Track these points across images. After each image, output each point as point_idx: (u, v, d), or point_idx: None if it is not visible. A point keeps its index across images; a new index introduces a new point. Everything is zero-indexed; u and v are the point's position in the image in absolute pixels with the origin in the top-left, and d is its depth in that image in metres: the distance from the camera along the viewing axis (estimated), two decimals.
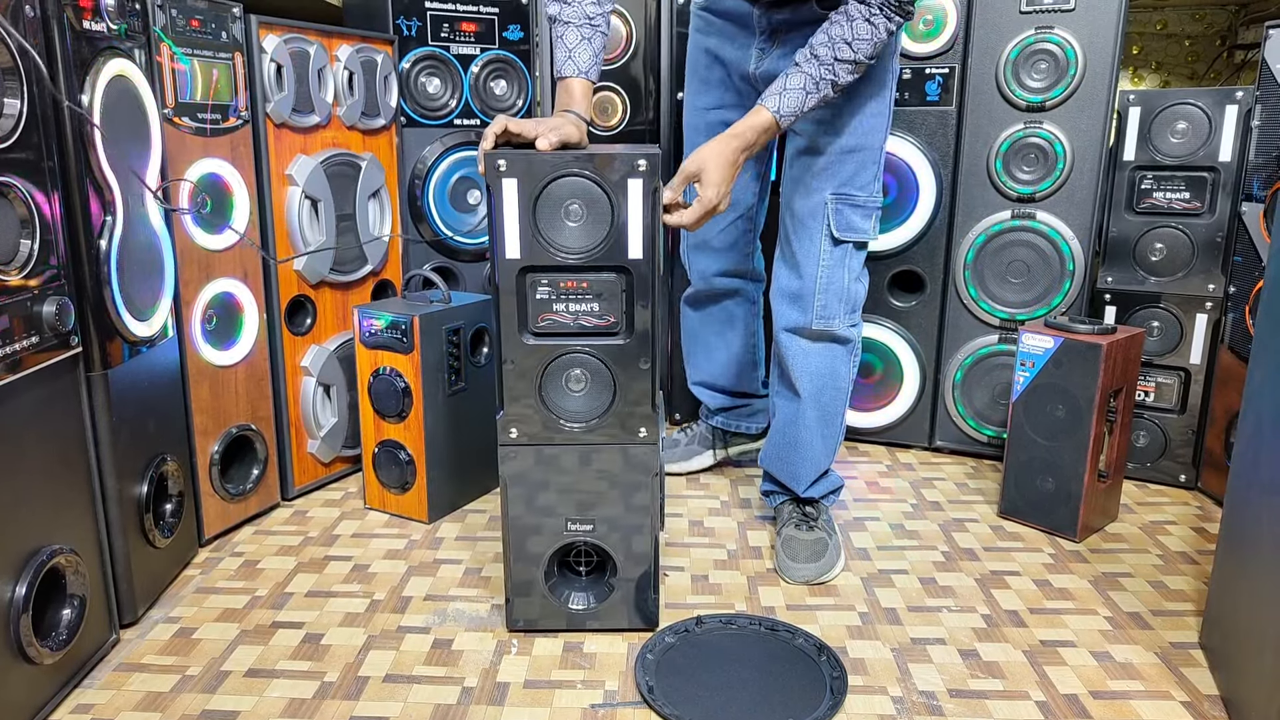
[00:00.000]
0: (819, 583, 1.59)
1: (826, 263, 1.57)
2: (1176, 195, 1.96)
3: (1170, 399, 2.04)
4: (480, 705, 1.27)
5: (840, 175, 1.55)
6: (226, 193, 1.70)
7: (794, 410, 1.67)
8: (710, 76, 1.71)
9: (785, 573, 1.61)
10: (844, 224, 1.56)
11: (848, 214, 1.56)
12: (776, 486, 1.76)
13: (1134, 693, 1.31)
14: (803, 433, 1.67)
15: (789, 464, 1.70)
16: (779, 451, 1.72)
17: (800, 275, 1.60)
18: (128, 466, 1.42)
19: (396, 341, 1.78)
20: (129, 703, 1.26)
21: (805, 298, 1.60)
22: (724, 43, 1.66)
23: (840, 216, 1.56)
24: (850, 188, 1.56)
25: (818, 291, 1.58)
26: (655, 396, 1.36)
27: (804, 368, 1.63)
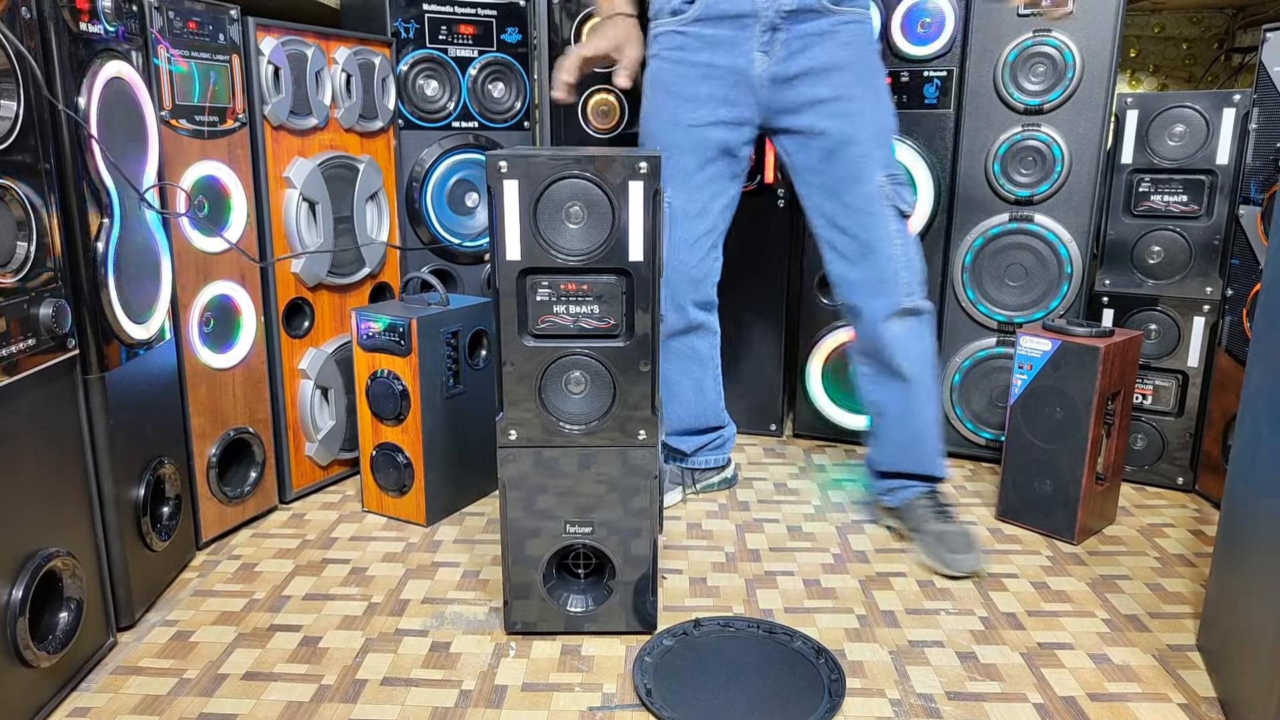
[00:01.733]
0: (978, 571, 1.63)
1: (898, 240, 1.61)
2: (1174, 198, 1.96)
3: (1168, 402, 2.04)
4: (478, 708, 1.27)
5: (882, 158, 1.61)
6: (224, 195, 1.70)
7: (905, 397, 1.69)
8: (699, 92, 1.66)
9: (951, 566, 1.62)
10: (904, 199, 1.62)
11: (900, 190, 1.62)
12: (900, 481, 1.77)
13: (1131, 695, 1.31)
14: (922, 415, 1.71)
15: (917, 451, 1.73)
16: (900, 445, 1.74)
17: (876, 261, 1.62)
18: (125, 469, 1.42)
19: (394, 344, 1.78)
20: (126, 706, 1.26)
21: (888, 280, 1.62)
22: (719, 52, 1.63)
23: (899, 194, 1.61)
24: (891, 167, 1.62)
25: (900, 270, 1.62)
26: (655, 399, 1.36)
27: (905, 352, 1.66)
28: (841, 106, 1.59)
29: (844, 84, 1.60)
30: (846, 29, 1.60)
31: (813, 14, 1.58)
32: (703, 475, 2.01)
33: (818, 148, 1.62)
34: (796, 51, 1.59)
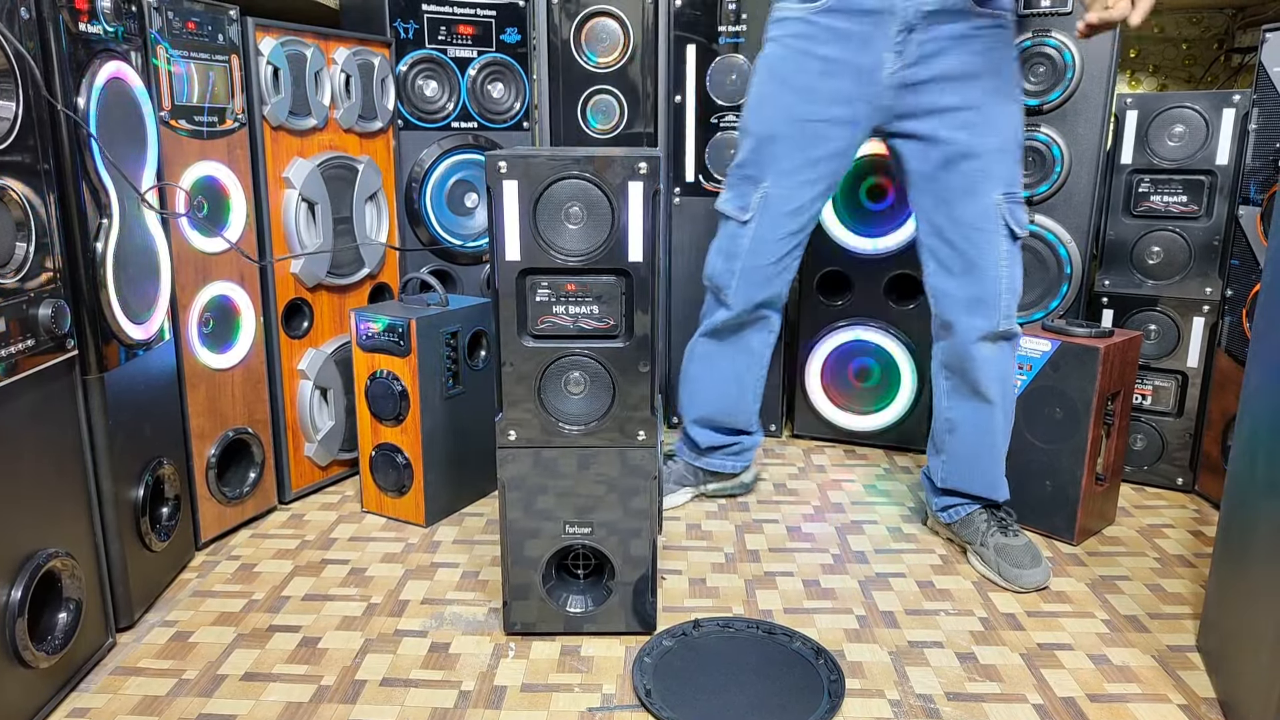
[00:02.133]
0: (1046, 586, 1.61)
1: (1006, 262, 1.56)
2: (1174, 199, 1.96)
3: (1167, 402, 2.04)
4: (477, 709, 1.26)
5: (1002, 174, 1.54)
6: (223, 196, 1.69)
7: (986, 418, 1.66)
8: (819, 87, 1.56)
9: (1017, 581, 1.59)
10: (1018, 221, 1.56)
11: (1018, 211, 1.57)
12: (959, 499, 1.73)
13: (1131, 696, 1.31)
14: (998, 438, 1.67)
15: (986, 473, 1.69)
16: (971, 462, 1.69)
17: (982, 281, 1.57)
18: (124, 470, 1.42)
19: (394, 345, 1.78)
20: (125, 707, 1.26)
21: (988, 302, 1.58)
22: (848, 48, 1.53)
23: (1014, 215, 1.56)
24: (1013, 185, 1.56)
25: (1002, 293, 1.57)
26: (654, 400, 1.36)
27: (994, 373, 1.62)
28: (967, 117, 1.51)
29: (974, 94, 1.51)
30: (987, 34, 1.51)
31: (954, 15, 1.49)
32: (714, 478, 1.97)
33: (936, 156, 1.55)
34: (930, 55, 1.51)
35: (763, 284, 1.72)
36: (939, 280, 1.63)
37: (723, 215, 1.71)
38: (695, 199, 2.28)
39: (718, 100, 2.20)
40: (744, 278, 1.71)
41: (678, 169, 2.27)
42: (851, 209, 2.19)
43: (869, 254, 2.19)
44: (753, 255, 1.68)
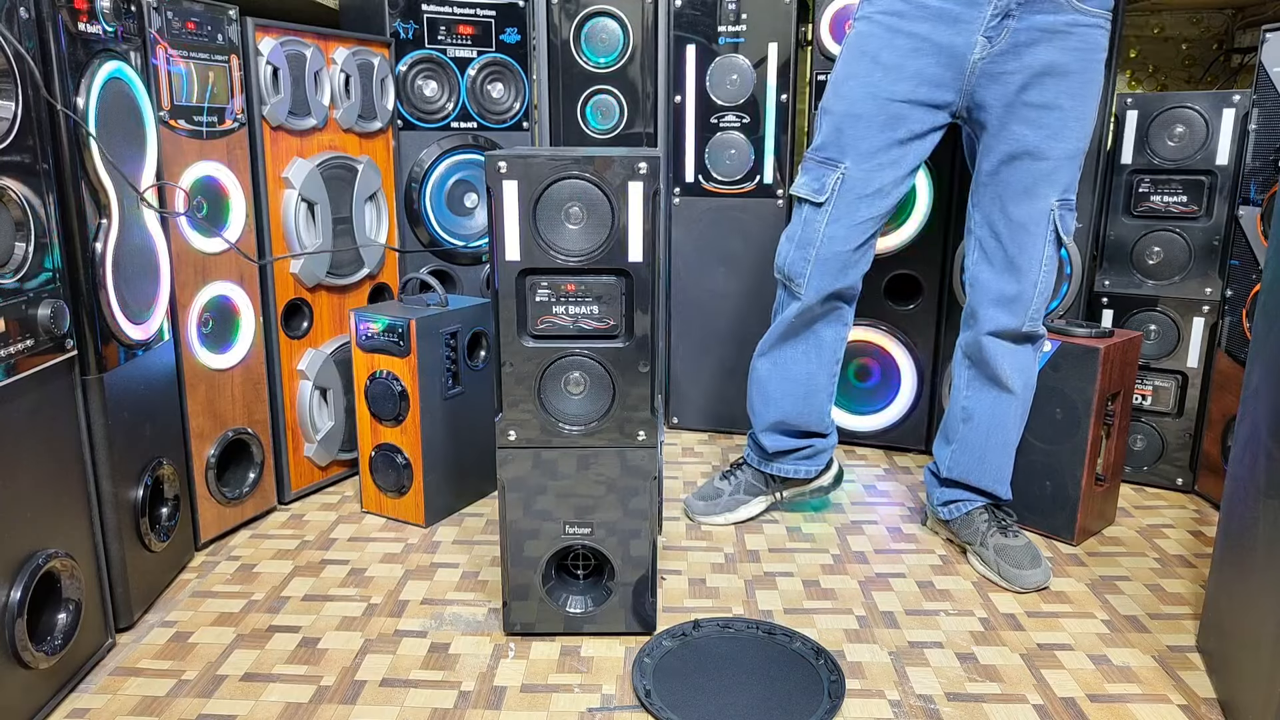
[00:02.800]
0: (1046, 587, 1.60)
1: (1047, 266, 1.57)
2: (1174, 199, 1.96)
3: (1167, 402, 2.04)
4: (477, 709, 1.26)
5: (1064, 181, 1.54)
6: (223, 196, 1.69)
7: (1004, 409, 1.65)
8: (907, 65, 1.53)
9: (1016, 581, 1.58)
10: (1067, 227, 1.57)
11: (1068, 218, 1.57)
12: (964, 493, 1.72)
13: (1131, 696, 1.31)
14: (1011, 432, 1.67)
15: (995, 466, 1.68)
16: (982, 453, 1.68)
17: (1019, 280, 1.57)
18: (123, 470, 1.42)
19: (393, 345, 1.78)
20: (124, 707, 1.26)
21: (1021, 302, 1.58)
22: (940, 27, 1.51)
23: (1064, 221, 1.56)
24: (1070, 192, 1.56)
25: (1036, 296, 1.58)
26: (654, 400, 1.36)
27: (1013, 364, 1.63)
28: (1045, 117, 1.49)
29: (1058, 93, 1.49)
30: (1081, 31, 1.48)
31: (1052, 7, 1.46)
32: (790, 484, 1.87)
33: (1004, 151, 1.54)
34: (1022, 45, 1.48)
35: (838, 273, 1.65)
36: (978, 270, 1.63)
37: (798, 199, 1.65)
38: (695, 199, 2.28)
39: (717, 100, 2.20)
40: (819, 266, 1.64)
41: (677, 169, 2.27)
42: None
43: None
44: (829, 242, 1.63)
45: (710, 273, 2.30)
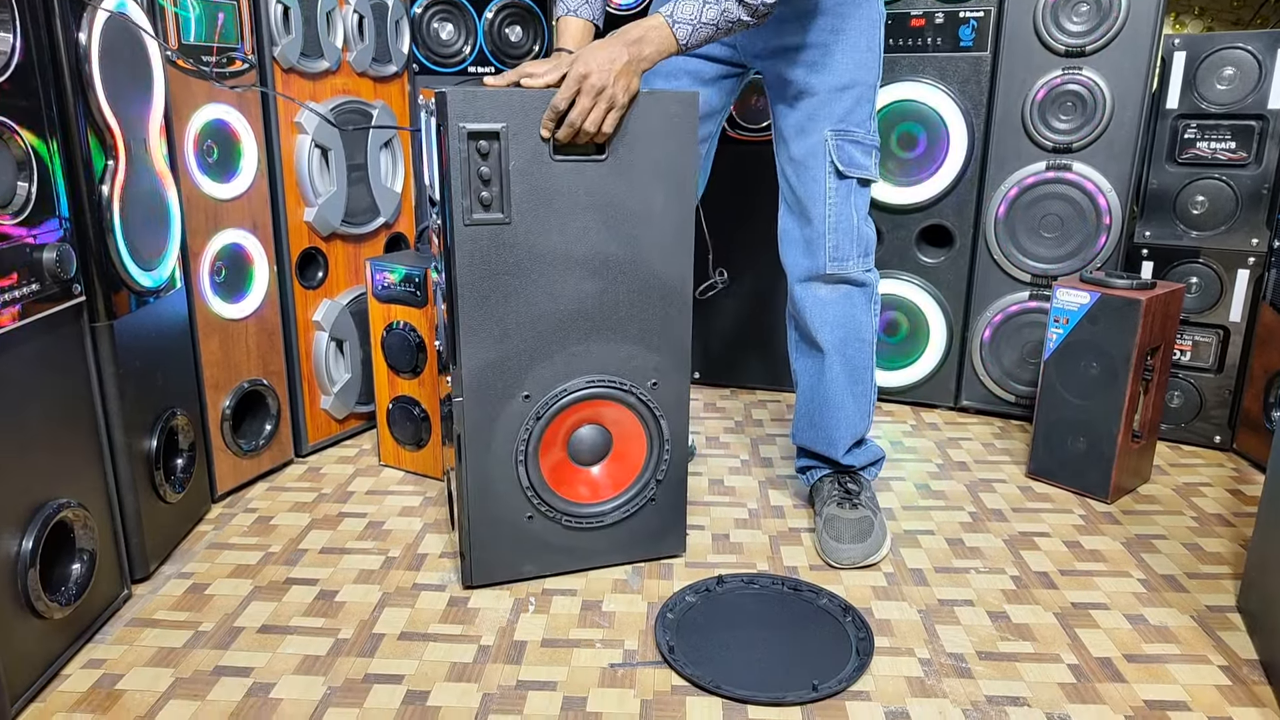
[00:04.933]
0: (865, 565, 1.50)
1: (833, 200, 1.50)
2: (1221, 145, 1.87)
3: (1207, 358, 1.97)
4: (497, 664, 1.24)
5: (836, 112, 1.48)
6: (234, 140, 1.64)
7: (819, 368, 1.60)
8: None
9: (830, 555, 1.50)
10: (846, 159, 1.49)
11: (849, 149, 1.50)
12: (811, 460, 1.68)
13: (1170, 656, 1.27)
14: (831, 391, 1.59)
15: (821, 428, 1.62)
16: (809, 418, 1.64)
17: (808, 219, 1.52)
18: (136, 420, 1.39)
19: (410, 295, 1.73)
20: (141, 658, 1.24)
21: (815, 241, 1.52)
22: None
23: (842, 152, 1.49)
24: (847, 124, 1.49)
25: (827, 232, 1.51)
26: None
27: (823, 318, 1.56)
28: (806, 54, 1.45)
29: (817, 30, 1.45)
30: None
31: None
32: None
33: (779, 93, 1.52)
34: None
35: None
36: (783, 221, 1.58)
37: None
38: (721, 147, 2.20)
39: None
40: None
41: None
42: (882, 158, 2.10)
43: (900, 203, 2.11)
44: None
45: (733, 225, 2.23)
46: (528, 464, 1.37)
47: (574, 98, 1.22)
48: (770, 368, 2.32)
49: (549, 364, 1.35)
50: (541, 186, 1.27)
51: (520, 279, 1.30)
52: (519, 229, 1.28)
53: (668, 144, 1.31)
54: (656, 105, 1.29)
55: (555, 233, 1.29)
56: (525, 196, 1.27)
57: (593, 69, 1.21)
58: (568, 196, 1.29)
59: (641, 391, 1.40)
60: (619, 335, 1.37)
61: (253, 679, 1.20)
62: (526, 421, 1.36)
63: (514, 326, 1.32)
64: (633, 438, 1.44)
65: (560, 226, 1.29)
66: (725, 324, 2.34)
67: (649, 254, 1.35)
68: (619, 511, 1.44)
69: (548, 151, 1.25)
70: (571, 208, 1.29)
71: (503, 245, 1.28)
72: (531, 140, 1.24)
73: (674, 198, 1.34)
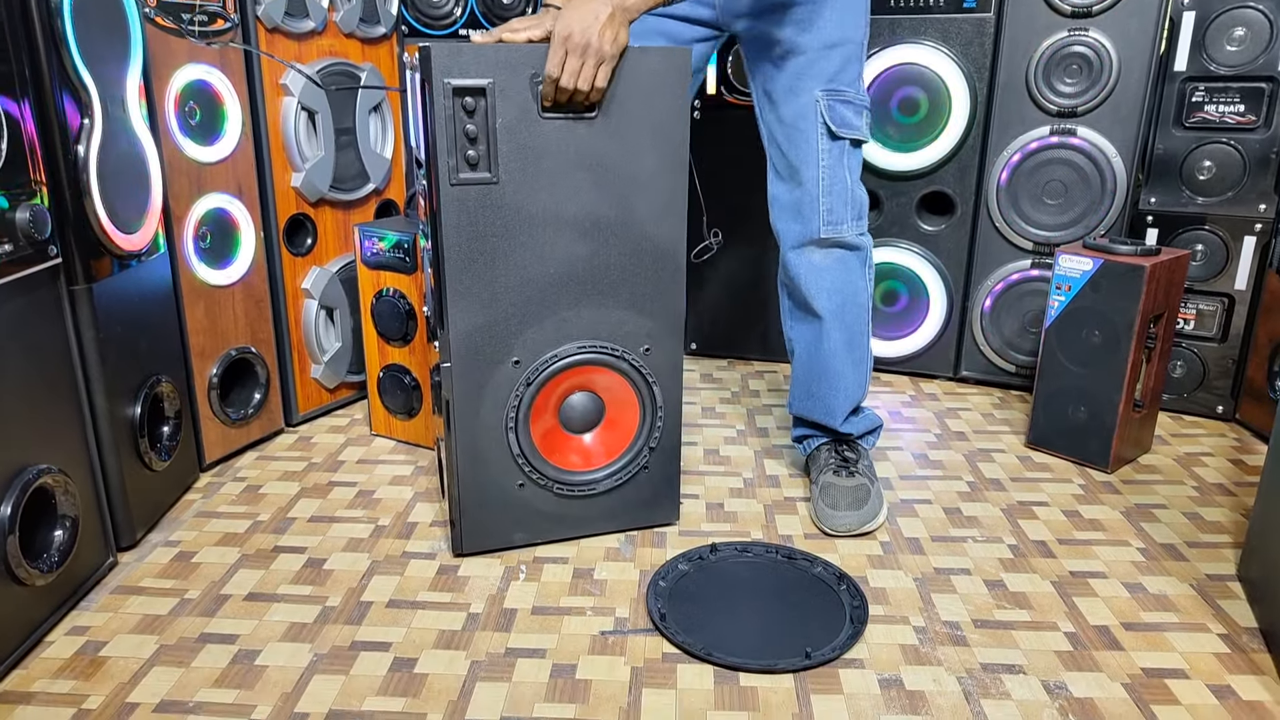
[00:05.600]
0: (861, 533, 1.47)
1: (826, 162, 1.47)
2: (1230, 108, 1.83)
3: (1211, 327, 1.94)
4: (486, 631, 1.22)
5: (826, 71, 1.44)
6: (217, 102, 1.61)
7: (816, 334, 1.57)
8: None
9: (824, 521, 1.48)
10: (838, 119, 1.46)
11: (840, 109, 1.46)
12: (809, 429, 1.65)
13: (1168, 624, 1.25)
14: (830, 359, 1.56)
15: (819, 397, 1.59)
16: (806, 387, 1.61)
17: (800, 182, 1.48)
18: (118, 386, 1.36)
19: (399, 262, 1.70)
20: (126, 625, 1.23)
21: (807, 205, 1.48)
22: None
23: (833, 112, 1.45)
24: (838, 83, 1.45)
25: (821, 195, 1.47)
26: None
27: (819, 284, 1.52)
28: (794, 12, 1.41)
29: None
30: None
31: None
32: None
33: (764, 55, 1.47)
34: None
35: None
36: (773, 187, 1.54)
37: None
38: (716, 112, 2.16)
39: None
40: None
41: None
42: (882, 122, 2.06)
43: (900, 170, 2.08)
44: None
45: (731, 193, 2.20)
46: (518, 431, 1.35)
47: (563, 61, 1.18)
48: (767, 339, 2.29)
49: (539, 329, 1.32)
50: (530, 145, 1.23)
51: (509, 241, 1.27)
52: (507, 189, 1.24)
53: (658, 103, 1.27)
54: (645, 63, 1.25)
55: (544, 193, 1.26)
56: (513, 155, 1.23)
57: (574, 28, 1.17)
58: (557, 156, 1.25)
59: (634, 357, 1.38)
60: (610, 300, 1.34)
61: (238, 646, 1.19)
62: (516, 388, 1.33)
63: (503, 290, 1.29)
64: (625, 405, 1.42)
65: (549, 187, 1.26)
66: (723, 295, 2.31)
67: (641, 216, 1.32)
68: (611, 479, 1.42)
69: (536, 109, 1.22)
70: (561, 167, 1.26)
71: (490, 206, 1.24)
72: (519, 97, 1.21)
73: (666, 158, 1.30)
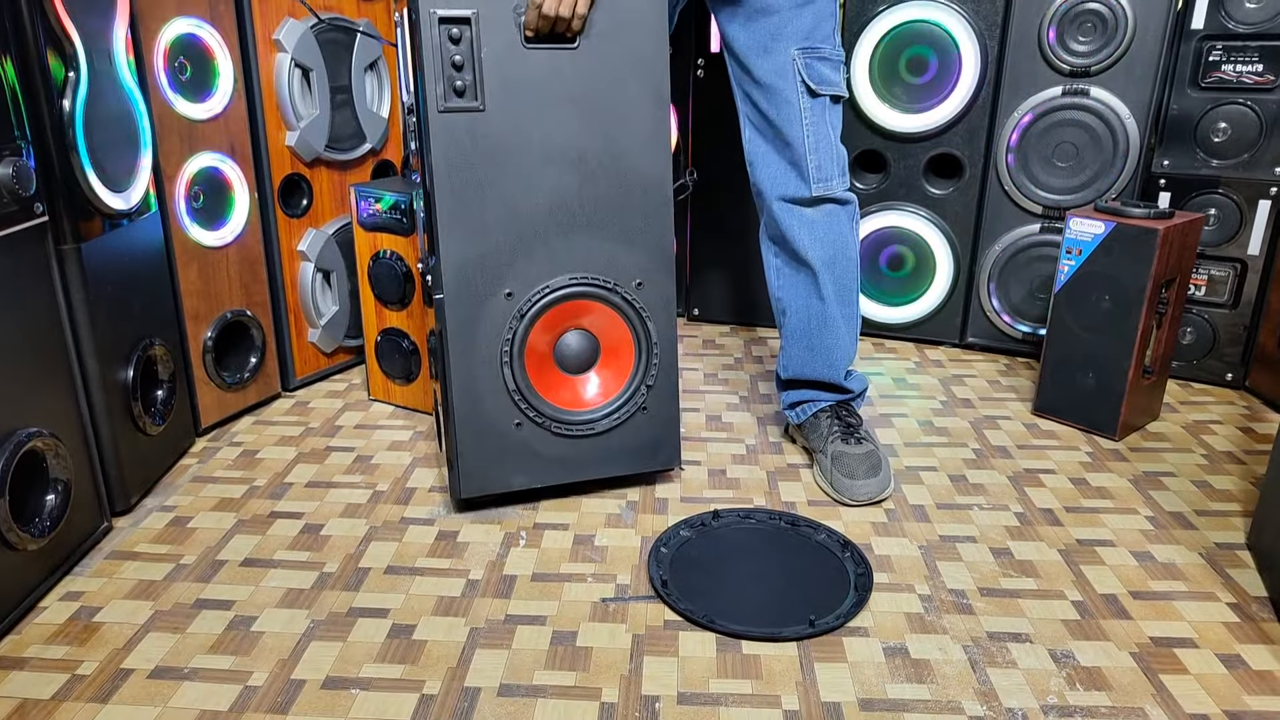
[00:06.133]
0: (882, 499, 1.46)
1: (809, 120, 1.44)
2: (1248, 68, 1.78)
3: (1222, 293, 1.90)
4: (486, 598, 1.21)
5: (800, 29, 1.42)
6: (208, 57, 1.56)
7: (811, 286, 1.53)
8: None
9: (845, 492, 1.44)
10: (817, 77, 1.43)
11: (818, 67, 1.43)
12: (805, 392, 1.61)
13: (1177, 593, 1.23)
14: (831, 306, 1.53)
15: (819, 350, 1.56)
16: (805, 342, 1.57)
17: (787, 142, 1.46)
18: (110, 348, 1.34)
19: (396, 223, 1.67)
20: (120, 590, 1.21)
21: (798, 165, 1.46)
22: None
23: (811, 70, 1.43)
24: (813, 40, 1.43)
25: (808, 153, 1.45)
26: None
27: (810, 236, 1.50)
28: None
29: None
30: None
31: None
32: None
33: (734, 16, 1.45)
34: None
35: None
36: (754, 147, 1.51)
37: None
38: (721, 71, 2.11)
39: None
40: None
41: (700, 37, 2.10)
42: (889, 83, 2.02)
43: (907, 131, 2.03)
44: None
45: (732, 155, 2.15)
46: (513, 365, 1.33)
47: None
48: (764, 303, 2.25)
49: (531, 261, 1.31)
50: (515, 76, 1.24)
51: (497, 170, 1.26)
52: (494, 118, 1.24)
53: (636, 36, 1.27)
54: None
55: (531, 123, 1.26)
56: (499, 85, 1.24)
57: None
58: (542, 87, 1.26)
59: (626, 291, 1.36)
60: (601, 232, 1.33)
61: (234, 612, 1.17)
62: (510, 320, 1.32)
63: (493, 219, 1.28)
64: (620, 342, 1.40)
65: (536, 117, 1.26)
66: (724, 260, 2.27)
67: (626, 147, 1.31)
68: (609, 420, 1.40)
69: (520, 40, 1.22)
70: (546, 98, 1.26)
71: (478, 135, 1.25)
72: (504, 29, 1.21)
73: (647, 90, 1.30)
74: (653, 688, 1.04)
